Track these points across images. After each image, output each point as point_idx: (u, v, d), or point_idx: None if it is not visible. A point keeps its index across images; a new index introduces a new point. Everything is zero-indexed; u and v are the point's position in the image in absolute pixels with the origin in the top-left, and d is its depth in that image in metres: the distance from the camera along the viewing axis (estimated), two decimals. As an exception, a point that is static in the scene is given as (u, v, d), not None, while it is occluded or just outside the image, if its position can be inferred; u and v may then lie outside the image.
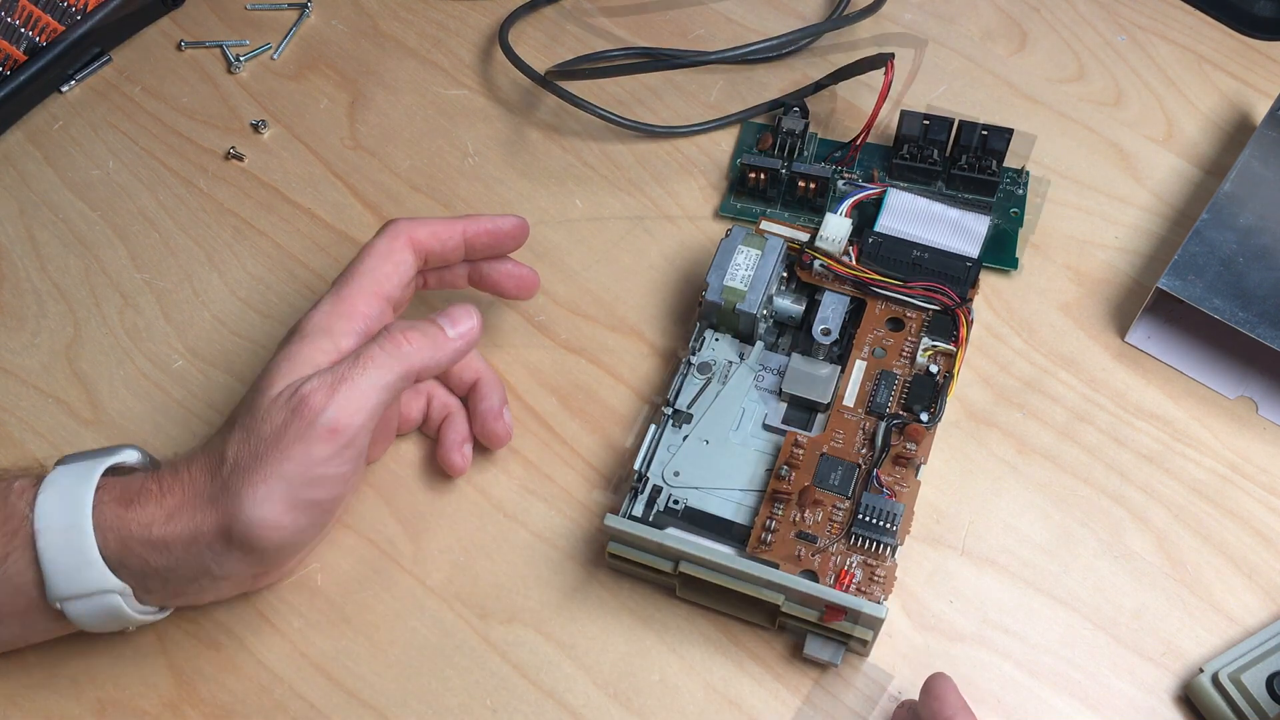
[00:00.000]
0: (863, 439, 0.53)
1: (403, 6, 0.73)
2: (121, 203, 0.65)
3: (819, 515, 0.51)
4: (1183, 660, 0.52)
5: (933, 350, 0.55)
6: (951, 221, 0.58)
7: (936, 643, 0.52)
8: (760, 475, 0.53)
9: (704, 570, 0.49)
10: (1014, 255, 0.61)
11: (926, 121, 0.62)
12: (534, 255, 0.63)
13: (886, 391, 0.54)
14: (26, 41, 0.67)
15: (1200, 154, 0.66)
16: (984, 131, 0.61)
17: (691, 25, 0.72)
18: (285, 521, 0.46)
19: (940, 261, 0.57)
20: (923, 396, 0.54)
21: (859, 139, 0.64)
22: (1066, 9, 0.71)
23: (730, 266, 0.56)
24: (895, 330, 0.56)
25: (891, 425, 0.53)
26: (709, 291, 0.56)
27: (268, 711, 0.51)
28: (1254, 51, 0.69)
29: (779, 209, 0.64)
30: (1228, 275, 0.56)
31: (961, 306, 0.56)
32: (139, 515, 0.46)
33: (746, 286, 0.56)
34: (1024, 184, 0.63)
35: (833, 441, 0.53)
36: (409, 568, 0.54)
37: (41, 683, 0.52)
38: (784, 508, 0.52)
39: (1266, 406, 0.58)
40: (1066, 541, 0.54)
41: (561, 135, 0.68)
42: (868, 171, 0.64)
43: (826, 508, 0.51)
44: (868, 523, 0.51)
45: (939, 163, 0.62)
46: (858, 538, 0.51)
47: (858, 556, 0.50)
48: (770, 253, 0.57)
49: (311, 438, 0.46)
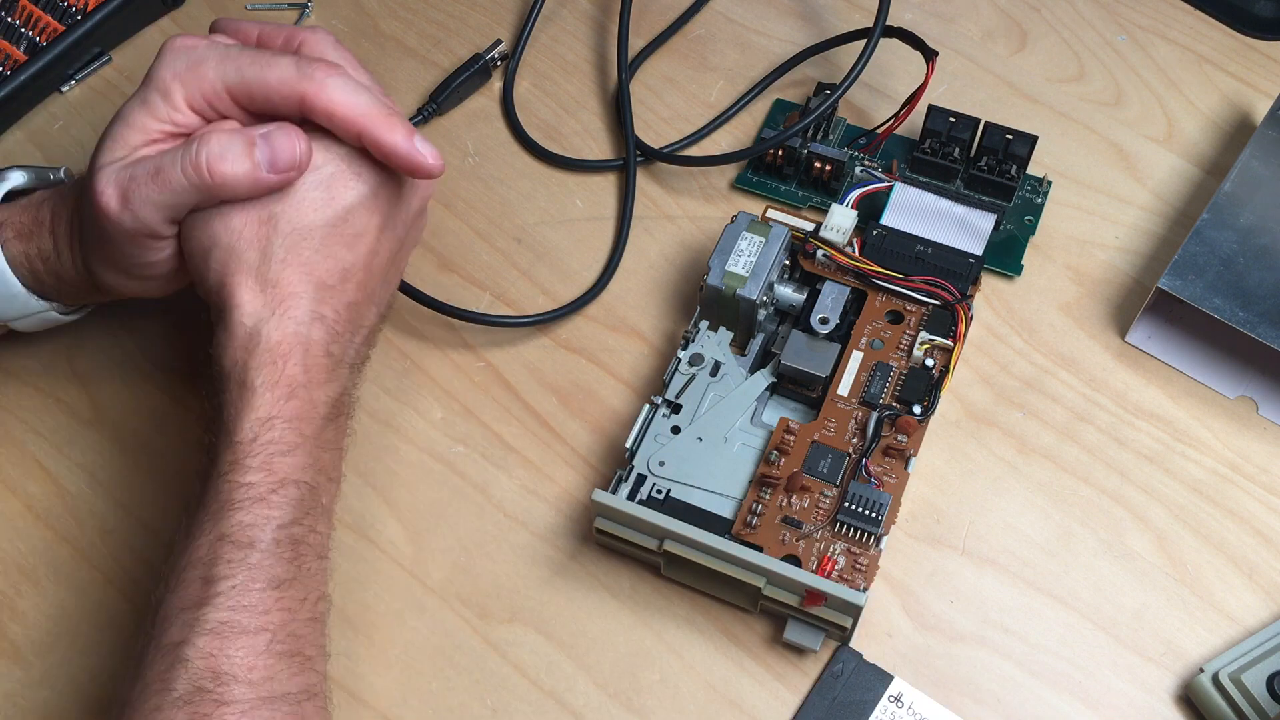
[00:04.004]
0: (854, 428, 0.53)
1: (403, 6, 0.73)
2: (121, 203, 0.65)
3: (805, 502, 0.51)
4: (1183, 660, 0.52)
5: (930, 345, 0.55)
6: (957, 219, 0.59)
7: (936, 643, 0.52)
8: (747, 479, 0.53)
9: (688, 549, 0.50)
10: (1019, 262, 0.61)
11: (953, 119, 0.62)
12: (534, 255, 0.63)
13: (881, 383, 0.54)
14: (26, 41, 0.67)
15: (1200, 154, 0.66)
16: (1009, 135, 0.61)
17: (692, 25, 0.71)
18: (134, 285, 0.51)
19: (943, 257, 0.57)
20: (917, 390, 0.54)
21: (884, 128, 0.64)
22: (1066, 9, 0.71)
23: (734, 252, 0.56)
24: (894, 323, 0.56)
25: (884, 416, 0.53)
26: (710, 276, 0.56)
27: (268, 711, 0.51)
28: (1254, 51, 0.69)
29: (794, 187, 0.64)
30: (1228, 275, 0.56)
31: (961, 302, 0.56)
32: (37, 250, 0.51)
33: (748, 273, 0.56)
34: (1044, 193, 0.63)
35: (824, 430, 0.53)
36: (409, 568, 0.54)
37: (41, 683, 0.52)
38: (771, 493, 0.52)
39: (1266, 406, 0.58)
40: (1066, 541, 0.54)
41: (562, 135, 0.68)
42: (888, 162, 0.64)
43: (814, 494, 0.52)
44: (854, 511, 0.51)
45: (959, 161, 0.62)
46: (843, 525, 0.51)
47: (842, 544, 0.51)
48: (774, 241, 0.57)
49: (110, 236, 0.48)
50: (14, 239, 0.52)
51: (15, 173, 0.54)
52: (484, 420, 0.58)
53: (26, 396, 0.59)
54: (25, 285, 0.52)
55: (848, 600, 0.48)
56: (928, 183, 0.62)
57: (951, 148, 0.62)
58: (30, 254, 0.52)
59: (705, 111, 0.68)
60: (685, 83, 0.69)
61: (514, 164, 0.67)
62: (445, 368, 0.60)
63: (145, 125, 0.48)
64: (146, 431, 0.58)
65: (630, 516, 0.50)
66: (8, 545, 0.55)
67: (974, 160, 0.62)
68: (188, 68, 0.48)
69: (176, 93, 0.47)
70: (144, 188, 0.46)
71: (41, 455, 0.58)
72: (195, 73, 0.47)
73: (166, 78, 0.48)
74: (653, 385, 0.59)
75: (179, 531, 0.47)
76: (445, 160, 0.66)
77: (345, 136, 0.48)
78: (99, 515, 0.56)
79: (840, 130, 0.66)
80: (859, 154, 0.64)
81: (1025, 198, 0.63)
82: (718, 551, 0.49)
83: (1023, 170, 0.62)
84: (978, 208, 0.59)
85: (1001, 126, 0.61)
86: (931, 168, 0.63)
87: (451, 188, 0.66)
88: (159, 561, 0.54)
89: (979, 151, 0.62)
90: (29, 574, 0.54)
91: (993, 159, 0.62)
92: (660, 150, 0.65)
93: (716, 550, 0.49)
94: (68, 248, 0.51)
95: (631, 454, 0.53)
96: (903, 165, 0.64)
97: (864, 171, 0.63)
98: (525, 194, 0.66)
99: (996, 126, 0.61)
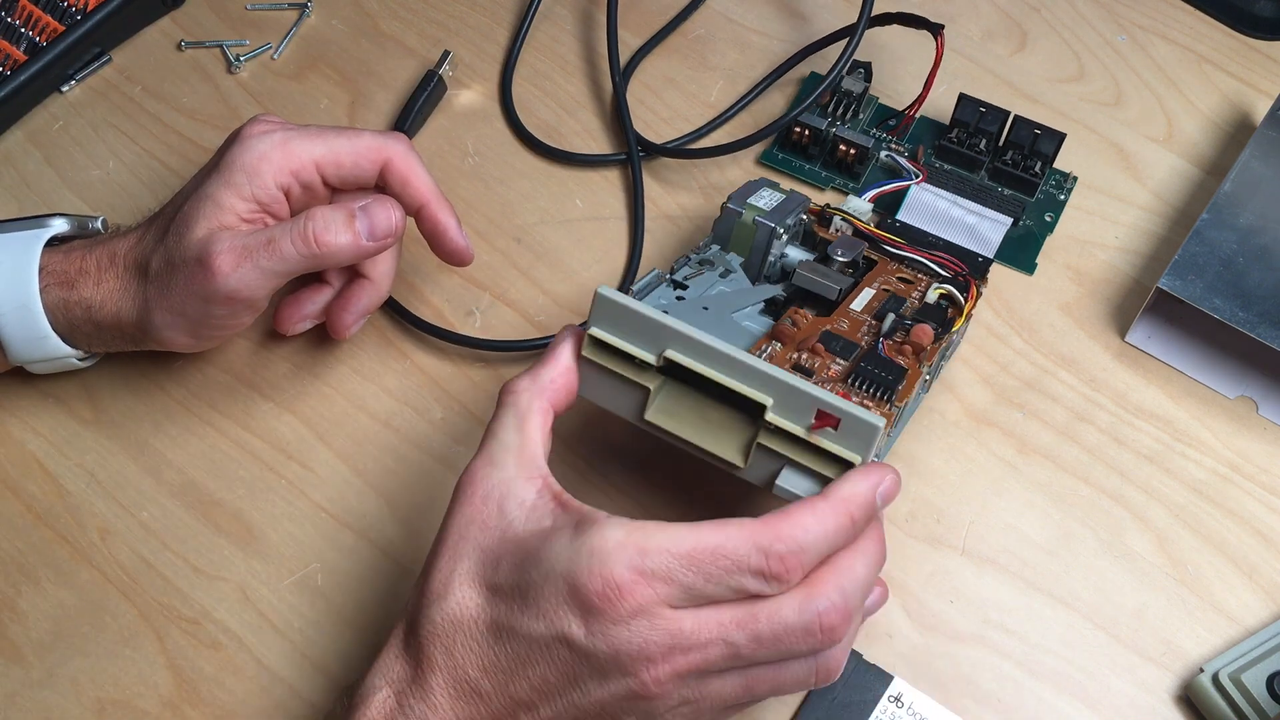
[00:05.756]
0: (869, 329, 0.51)
1: (403, 6, 0.73)
2: (121, 203, 0.65)
3: (817, 362, 0.48)
4: (1183, 660, 0.52)
5: (944, 291, 0.54)
6: (968, 227, 0.59)
7: (936, 643, 0.52)
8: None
9: (693, 356, 0.45)
10: (1034, 260, 0.61)
11: (983, 109, 0.62)
12: (534, 255, 0.63)
13: (896, 307, 0.52)
14: (26, 41, 0.67)
15: (1200, 154, 0.66)
16: (1037, 130, 0.61)
17: (692, 25, 0.71)
18: (186, 341, 0.54)
19: (954, 251, 0.57)
20: (932, 318, 0.52)
21: (908, 112, 0.64)
22: (1066, 9, 0.71)
23: (753, 197, 0.56)
24: (905, 284, 0.56)
25: (899, 323, 0.51)
26: (731, 200, 0.55)
27: (268, 711, 0.51)
28: (1254, 51, 0.69)
29: (817, 167, 0.64)
30: (1228, 275, 0.56)
31: (973, 276, 0.55)
32: (79, 298, 0.53)
33: (769, 209, 0.55)
34: (1068, 190, 0.63)
35: (837, 324, 0.51)
36: (409, 567, 0.54)
37: (41, 683, 0.52)
38: (784, 347, 0.49)
39: (1266, 406, 0.58)
40: (1067, 541, 0.54)
41: (562, 135, 0.68)
42: (914, 147, 0.64)
43: (825, 360, 0.48)
44: (870, 371, 0.47)
45: (985, 153, 0.63)
46: (859, 379, 0.47)
47: (856, 397, 0.47)
48: (793, 200, 0.57)
49: (211, 297, 0.51)
50: (55, 286, 0.53)
51: (58, 220, 0.56)
52: (484, 420, 0.58)
53: (26, 396, 0.59)
54: (57, 332, 0.54)
55: (864, 420, 0.43)
56: (951, 170, 0.62)
57: (978, 139, 0.62)
58: (70, 301, 0.53)
59: (705, 111, 0.68)
60: (685, 82, 0.69)
61: (514, 164, 0.67)
62: (445, 368, 0.60)
63: (233, 205, 0.52)
64: (146, 431, 0.58)
65: (636, 315, 0.45)
66: (8, 545, 0.55)
67: (1000, 153, 0.62)
68: (274, 147, 0.53)
69: (264, 171, 0.52)
70: (257, 255, 0.51)
71: (41, 455, 0.58)
72: (284, 150, 0.53)
73: (252, 160, 0.52)
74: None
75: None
76: (445, 160, 0.67)
77: (409, 204, 0.55)
78: (99, 515, 0.56)
79: (872, 109, 0.66)
80: (886, 137, 0.64)
81: (1049, 193, 0.63)
82: (726, 357, 0.44)
83: (1048, 166, 0.62)
84: (994, 211, 0.59)
85: (1031, 121, 0.61)
86: (957, 157, 0.63)
87: (451, 188, 0.65)
88: (159, 561, 0.55)
89: (1006, 144, 0.62)
90: (29, 574, 0.54)
91: (1018, 153, 0.62)
92: (663, 145, 0.65)
93: (724, 355, 0.44)
94: (124, 298, 0.53)
95: (627, 289, 0.49)
96: (929, 151, 0.64)
97: (889, 157, 0.63)
98: (525, 194, 0.66)
99: (1026, 121, 0.61)
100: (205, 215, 0.52)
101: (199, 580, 0.54)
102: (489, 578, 0.42)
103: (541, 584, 0.40)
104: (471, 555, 0.43)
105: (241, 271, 0.51)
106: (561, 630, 0.40)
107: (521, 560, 0.42)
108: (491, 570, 0.42)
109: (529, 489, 0.44)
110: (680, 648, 0.40)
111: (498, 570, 0.42)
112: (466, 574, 0.43)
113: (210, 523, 0.56)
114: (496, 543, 0.43)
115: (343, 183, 0.55)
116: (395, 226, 0.53)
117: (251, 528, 0.56)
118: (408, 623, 0.43)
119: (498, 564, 0.42)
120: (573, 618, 0.40)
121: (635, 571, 0.39)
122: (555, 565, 0.40)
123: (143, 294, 0.53)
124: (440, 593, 0.42)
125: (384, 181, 0.55)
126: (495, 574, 0.42)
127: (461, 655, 0.42)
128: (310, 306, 0.58)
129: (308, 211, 0.52)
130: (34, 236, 0.54)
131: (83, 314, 0.53)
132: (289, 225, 0.51)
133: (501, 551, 0.43)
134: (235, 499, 0.56)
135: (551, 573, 0.40)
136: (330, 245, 0.51)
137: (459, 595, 0.42)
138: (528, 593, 0.41)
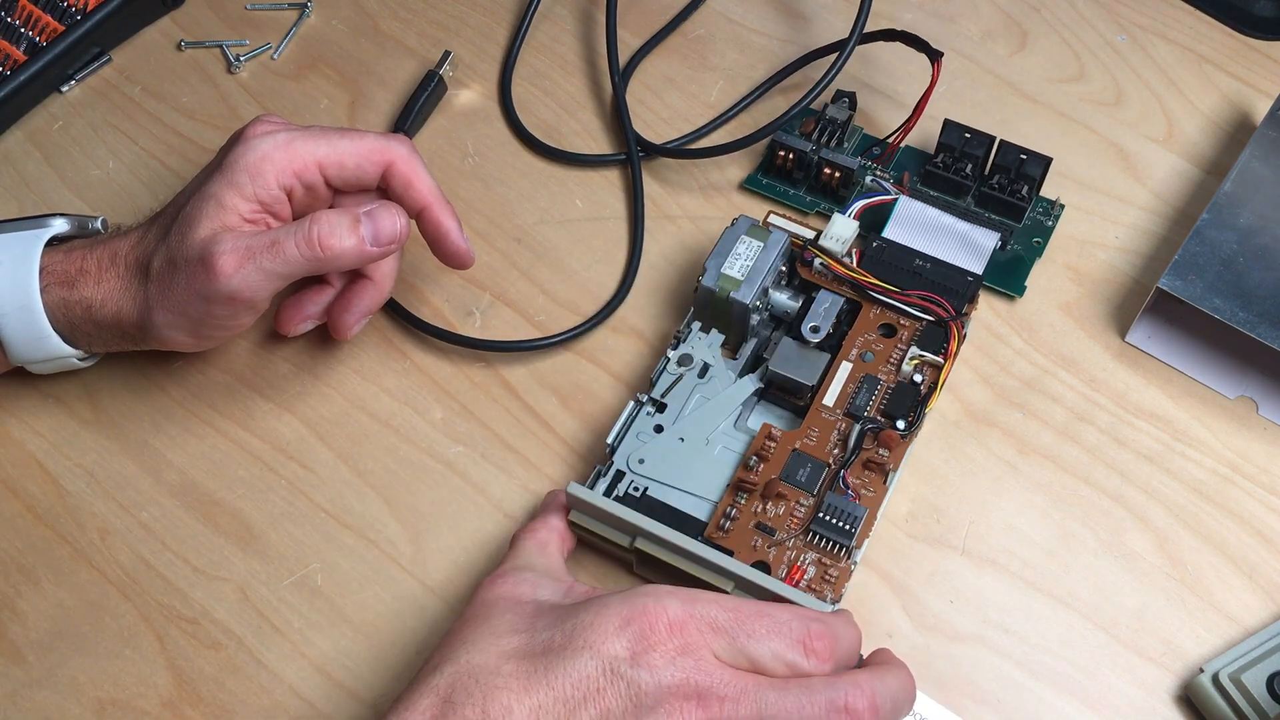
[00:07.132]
0: (837, 439, 0.53)
1: (403, 6, 0.73)
2: (121, 203, 0.65)
3: (780, 509, 0.51)
4: (1183, 660, 0.52)
5: (919, 360, 0.55)
6: (959, 235, 0.58)
7: (936, 643, 0.52)
8: (725, 483, 0.53)
9: (659, 549, 0.49)
10: (1023, 283, 0.61)
11: (968, 134, 0.61)
12: (534, 255, 0.63)
13: (868, 396, 0.54)
14: (26, 41, 0.67)
15: (1200, 154, 0.66)
16: (1023, 155, 0.60)
17: (692, 25, 0.72)
18: (187, 341, 0.54)
19: (942, 273, 0.57)
20: (903, 405, 0.54)
21: (895, 136, 0.63)
22: (1066, 9, 0.71)
23: (731, 255, 0.56)
24: (886, 336, 0.56)
25: (866, 429, 0.53)
26: (705, 277, 0.56)
27: (268, 711, 0.51)
28: (1254, 51, 0.69)
29: (802, 192, 0.64)
30: (1228, 275, 0.56)
31: (955, 319, 0.55)
32: (80, 298, 0.53)
33: (743, 276, 0.56)
34: (1055, 216, 0.62)
35: (806, 438, 0.53)
36: (409, 568, 0.54)
37: (41, 682, 0.52)
38: (747, 498, 0.52)
39: (1266, 406, 0.58)
40: (1067, 541, 0.54)
41: (562, 135, 0.68)
42: (900, 173, 0.63)
43: (790, 503, 0.51)
44: (828, 522, 0.50)
45: (971, 177, 0.62)
46: (816, 535, 0.51)
47: (813, 554, 0.51)
48: (773, 246, 0.57)
49: (212, 297, 0.51)
50: (55, 286, 0.53)
51: (59, 220, 0.55)
52: (484, 420, 0.58)
53: (26, 396, 0.59)
54: (58, 332, 0.54)
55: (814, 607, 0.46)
56: (938, 197, 0.62)
57: (964, 163, 0.62)
58: (70, 301, 0.53)
59: (705, 111, 0.68)
60: (685, 83, 0.69)
61: (514, 164, 0.67)
62: (445, 368, 0.60)
63: (236, 205, 0.52)
64: (146, 431, 0.58)
65: (604, 512, 0.50)
66: (8, 545, 0.55)
67: (986, 178, 0.62)
68: (277, 147, 0.52)
69: (267, 171, 0.52)
70: (260, 256, 0.50)
71: (41, 455, 0.58)
72: (287, 150, 0.53)
73: (255, 160, 0.52)
74: (648, 385, 0.59)
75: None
76: (445, 160, 0.67)
77: (411, 206, 0.55)
78: (99, 515, 0.56)
79: (856, 138, 0.65)
80: (871, 164, 0.64)
81: (1036, 219, 0.62)
82: (687, 553, 0.48)
83: (1035, 191, 0.62)
84: (979, 224, 0.59)
85: (1017, 146, 0.61)
86: (943, 182, 0.62)
87: (451, 188, 0.65)
88: (159, 561, 0.55)
89: (992, 169, 0.61)
90: (29, 574, 0.54)
91: (1005, 177, 0.61)
92: (662, 145, 0.65)
93: (686, 551, 0.48)
94: (124, 298, 0.53)
95: (612, 450, 0.53)
96: (914, 178, 0.63)
97: (874, 181, 0.62)
98: (525, 194, 0.66)
99: (1012, 145, 0.61)
100: (208, 215, 0.52)
101: (199, 580, 0.54)
102: (525, 628, 0.42)
103: (591, 621, 0.41)
104: (503, 616, 0.43)
105: (244, 272, 0.51)
106: (608, 658, 0.40)
107: (561, 615, 0.42)
108: (528, 623, 0.43)
109: (559, 586, 0.46)
110: (716, 695, 0.41)
111: (535, 625, 0.42)
112: (502, 628, 0.43)
113: (210, 523, 0.56)
114: (532, 611, 0.44)
115: (345, 184, 0.55)
116: (400, 232, 0.53)
117: (251, 528, 0.56)
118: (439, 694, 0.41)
119: (534, 622, 0.43)
120: (621, 646, 0.41)
121: (688, 613, 0.41)
122: (608, 605, 0.42)
123: (144, 293, 0.53)
124: (468, 647, 0.42)
125: (386, 183, 0.55)
126: (534, 626, 0.42)
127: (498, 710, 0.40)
128: (312, 307, 0.58)
129: (313, 215, 0.52)
130: (34, 236, 0.54)
131: (83, 313, 0.53)
132: (293, 228, 0.51)
133: (538, 613, 0.43)
134: (235, 499, 0.56)
135: (605, 610, 0.41)
136: (334, 249, 0.51)
137: (491, 649, 0.42)
138: (574, 633, 0.41)
